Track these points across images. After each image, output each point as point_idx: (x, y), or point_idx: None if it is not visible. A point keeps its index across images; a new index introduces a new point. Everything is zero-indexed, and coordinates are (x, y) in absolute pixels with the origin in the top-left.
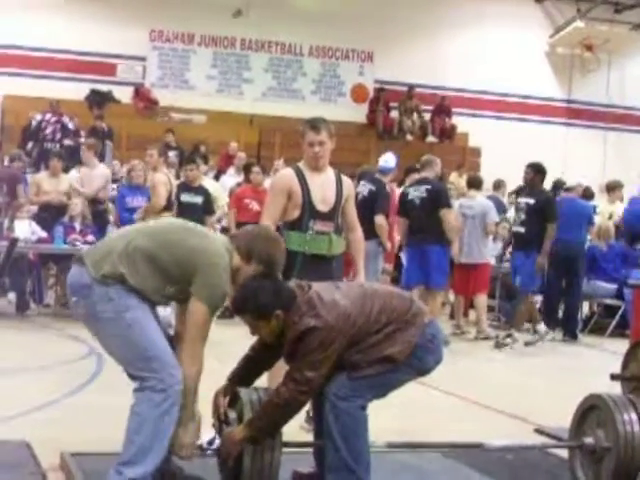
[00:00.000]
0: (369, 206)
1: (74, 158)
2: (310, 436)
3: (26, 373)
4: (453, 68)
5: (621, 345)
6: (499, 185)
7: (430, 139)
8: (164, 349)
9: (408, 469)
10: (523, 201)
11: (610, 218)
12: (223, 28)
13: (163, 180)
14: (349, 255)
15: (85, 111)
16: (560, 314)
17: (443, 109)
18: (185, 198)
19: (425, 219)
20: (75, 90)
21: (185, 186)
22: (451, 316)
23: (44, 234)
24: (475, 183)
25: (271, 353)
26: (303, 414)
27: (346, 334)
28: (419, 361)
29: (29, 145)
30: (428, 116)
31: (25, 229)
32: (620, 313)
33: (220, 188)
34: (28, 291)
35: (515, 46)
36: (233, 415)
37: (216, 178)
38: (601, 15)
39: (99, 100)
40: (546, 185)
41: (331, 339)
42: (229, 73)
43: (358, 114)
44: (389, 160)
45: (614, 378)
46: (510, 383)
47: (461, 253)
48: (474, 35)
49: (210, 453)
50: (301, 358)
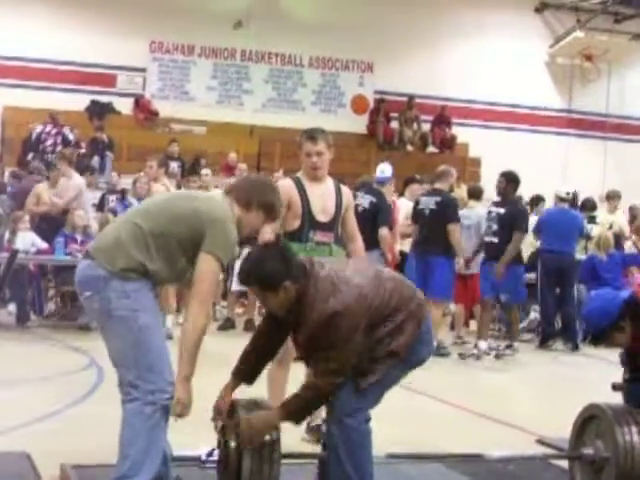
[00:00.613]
0: (370, 218)
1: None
2: (310, 447)
3: (27, 384)
4: (453, 78)
5: None
6: None
7: (430, 149)
8: (166, 362)
9: None
10: (495, 211)
11: (610, 228)
12: (223, 39)
13: (161, 190)
14: None
15: (85, 122)
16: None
17: (443, 119)
18: None
19: (432, 230)
20: (75, 101)
21: None
22: (452, 327)
23: (45, 245)
24: (475, 193)
25: (272, 342)
26: (304, 425)
27: (365, 316)
28: (415, 355)
29: (29, 156)
30: (428, 126)
31: (26, 241)
32: None
33: None
34: (28, 302)
35: (515, 56)
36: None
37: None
38: (601, 25)
39: (99, 111)
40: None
41: (356, 324)
42: (229, 84)
43: (358, 125)
44: (385, 170)
45: (616, 388)
46: (511, 393)
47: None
48: (474, 45)
49: (209, 465)
50: (329, 348)
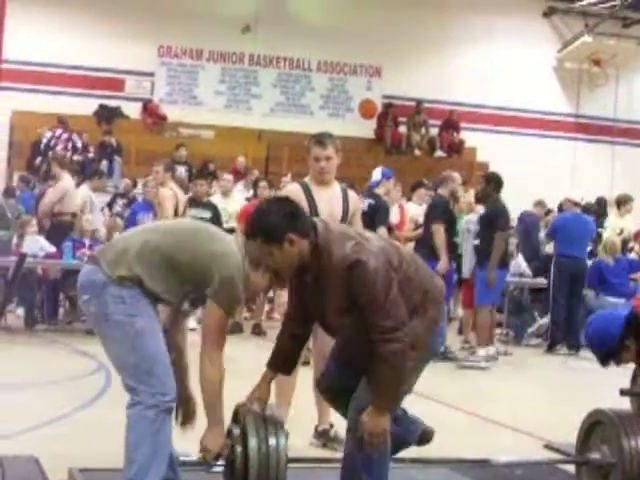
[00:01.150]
0: (369, 219)
1: (83, 173)
2: (319, 451)
3: (35, 388)
4: (461, 83)
5: None
6: None
7: (438, 154)
8: (165, 366)
9: None
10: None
11: (620, 233)
12: (231, 44)
13: (168, 194)
14: None
15: (94, 126)
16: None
17: (451, 124)
18: (193, 213)
19: (425, 233)
20: (84, 105)
21: (194, 201)
22: (459, 331)
23: (53, 249)
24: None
25: (303, 324)
26: (312, 430)
27: (390, 270)
28: (433, 345)
29: (38, 160)
30: (436, 131)
31: (34, 244)
32: None
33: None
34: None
35: (523, 61)
36: (237, 431)
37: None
38: (609, 30)
39: (108, 115)
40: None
41: (384, 274)
42: (237, 88)
43: (366, 129)
44: (375, 174)
45: (624, 393)
46: (518, 398)
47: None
48: (482, 50)
49: (216, 469)
50: (369, 304)
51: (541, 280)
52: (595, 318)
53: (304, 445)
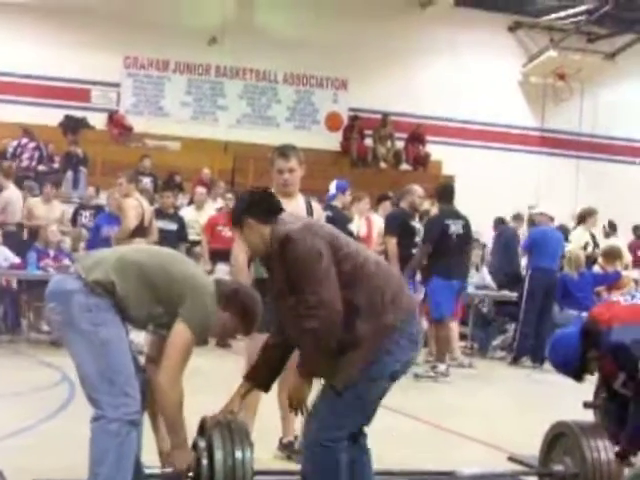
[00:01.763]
0: None
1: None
2: (284, 464)
3: None
4: (427, 96)
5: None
6: None
7: (404, 167)
8: (129, 376)
9: None
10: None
11: (585, 248)
12: (198, 55)
13: (133, 204)
14: None
15: (59, 137)
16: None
17: (417, 137)
18: (159, 225)
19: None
20: (49, 116)
21: (160, 213)
22: (425, 344)
23: (17, 260)
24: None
25: (285, 343)
26: (276, 442)
27: (329, 251)
28: (385, 365)
29: None
30: (402, 144)
31: None
32: None
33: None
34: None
35: (489, 75)
36: (202, 444)
37: (190, 204)
38: (574, 45)
39: (73, 126)
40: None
41: (313, 244)
42: (204, 100)
43: (332, 142)
44: (331, 187)
45: (587, 406)
46: (483, 411)
47: None
48: (448, 63)
49: None
50: (298, 287)
51: (505, 292)
52: (553, 342)
53: (269, 457)
